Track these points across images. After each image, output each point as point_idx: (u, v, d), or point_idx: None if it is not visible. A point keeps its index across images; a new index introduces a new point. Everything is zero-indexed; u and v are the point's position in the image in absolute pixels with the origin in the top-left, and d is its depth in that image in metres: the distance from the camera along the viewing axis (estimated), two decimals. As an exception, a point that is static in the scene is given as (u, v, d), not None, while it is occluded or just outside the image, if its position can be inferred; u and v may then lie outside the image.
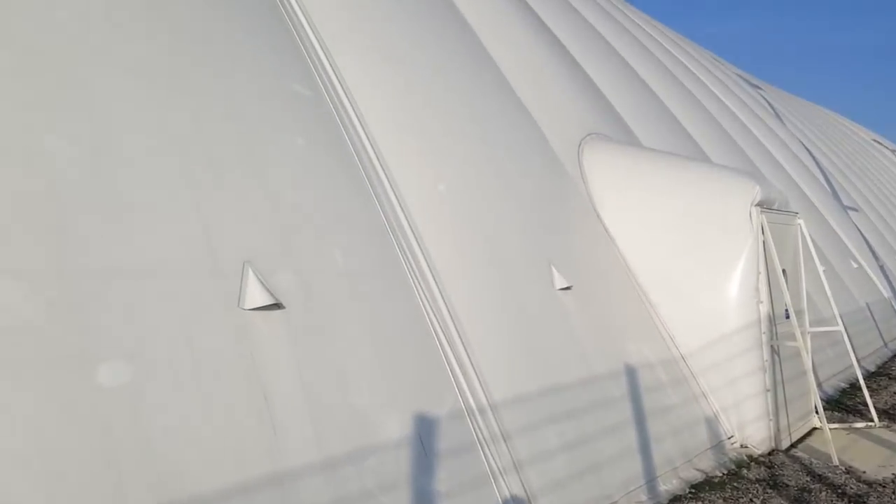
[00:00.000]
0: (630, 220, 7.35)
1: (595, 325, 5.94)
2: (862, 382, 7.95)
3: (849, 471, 6.08)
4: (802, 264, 7.98)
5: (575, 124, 8.20)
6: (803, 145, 21.16)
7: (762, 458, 6.35)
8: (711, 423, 6.50)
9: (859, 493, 5.49)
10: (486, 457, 4.14)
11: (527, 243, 5.82)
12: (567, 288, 5.81)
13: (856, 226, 17.74)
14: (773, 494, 5.45)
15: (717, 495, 5.40)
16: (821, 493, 5.48)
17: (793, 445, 6.95)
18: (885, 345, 13.42)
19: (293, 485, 3.06)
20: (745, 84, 24.28)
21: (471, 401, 4.28)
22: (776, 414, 6.67)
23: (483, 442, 4.18)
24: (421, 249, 4.69)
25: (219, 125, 3.80)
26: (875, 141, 38.56)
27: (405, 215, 4.74)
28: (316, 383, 3.41)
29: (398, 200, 4.77)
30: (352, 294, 3.93)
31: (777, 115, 23.22)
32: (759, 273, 6.72)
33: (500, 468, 4.18)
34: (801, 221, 7.98)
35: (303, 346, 3.46)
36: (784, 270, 7.27)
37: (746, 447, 6.54)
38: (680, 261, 7.04)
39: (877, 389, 9.88)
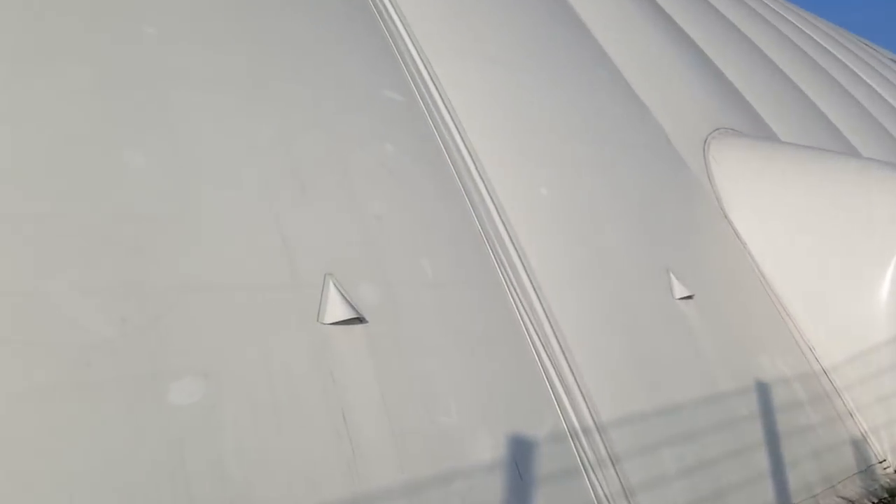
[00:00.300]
0: (763, 222, 6.75)
1: (721, 336, 5.45)
2: None
3: None
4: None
5: (701, 120, 7.66)
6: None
7: (923, 487, 5.60)
8: (859, 446, 5.80)
9: None
10: (591, 482, 3.83)
11: (641, 249, 5.43)
12: (688, 297, 5.36)
13: None
14: (935, 531, 4.76)
15: (866, 530, 4.79)
16: None
17: (961, 473, 6.10)
18: None
19: (372, 509, 2.91)
20: (900, 68, 22.15)
21: (574, 421, 3.98)
22: (939, 437, 5.88)
23: (588, 466, 3.88)
24: (519, 258, 4.44)
25: (303, 135, 3.74)
26: None
27: (502, 222, 4.51)
28: (399, 401, 3.26)
29: (495, 206, 4.55)
30: (441, 306, 3.75)
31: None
32: (914, 277, 5.96)
33: (607, 495, 3.86)
34: (966, 218, 7.02)
35: (386, 361, 3.31)
36: (946, 274, 6.42)
37: (903, 474, 5.79)
38: (821, 265, 6.37)
39: None
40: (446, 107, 4.86)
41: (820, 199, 6.49)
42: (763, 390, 5.33)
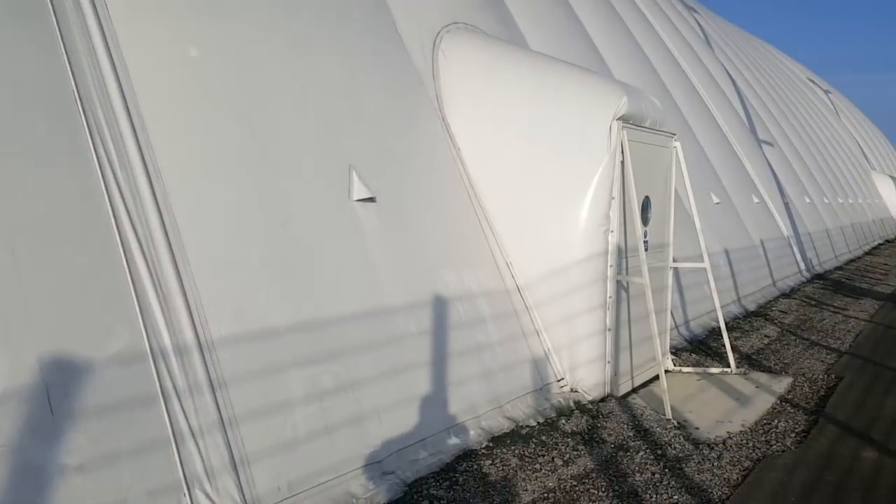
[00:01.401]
0: (481, 129, 6.29)
1: (401, 246, 4.94)
2: (722, 325, 7.30)
3: (681, 425, 5.38)
4: (673, 193, 7.13)
5: (439, 10, 6.95)
6: (728, 74, 20.32)
7: (590, 406, 5.60)
8: (540, 365, 5.69)
9: (681, 455, 4.77)
10: (171, 413, 3.14)
11: (321, 141, 4.70)
12: (369, 199, 4.76)
13: (767, 161, 17.18)
14: (583, 452, 4.68)
15: (515, 451, 4.60)
16: (637, 453, 4.74)
17: (634, 391, 6.25)
18: (774, 284, 13.02)
19: None
20: (678, 4, 23.08)
21: (165, 339, 3.24)
22: (616, 356, 5.91)
23: (172, 394, 3.18)
24: (135, 134, 3.52)
25: None
26: (810, 80, 38.01)
27: (118, 80, 3.53)
28: None
29: (110, 57, 3.54)
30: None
31: (707, 41, 22.24)
32: (612, 198, 5.81)
33: (193, 428, 3.20)
34: (677, 144, 7.07)
35: None
36: (647, 197, 6.41)
37: (577, 392, 5.78)
38: (531, 178, 6.05)
39: (748, 331, 9.36)
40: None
41: (537, 110, 6.12)
42: (440, 306, 4.94)
